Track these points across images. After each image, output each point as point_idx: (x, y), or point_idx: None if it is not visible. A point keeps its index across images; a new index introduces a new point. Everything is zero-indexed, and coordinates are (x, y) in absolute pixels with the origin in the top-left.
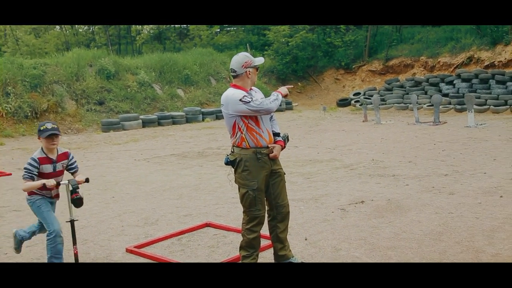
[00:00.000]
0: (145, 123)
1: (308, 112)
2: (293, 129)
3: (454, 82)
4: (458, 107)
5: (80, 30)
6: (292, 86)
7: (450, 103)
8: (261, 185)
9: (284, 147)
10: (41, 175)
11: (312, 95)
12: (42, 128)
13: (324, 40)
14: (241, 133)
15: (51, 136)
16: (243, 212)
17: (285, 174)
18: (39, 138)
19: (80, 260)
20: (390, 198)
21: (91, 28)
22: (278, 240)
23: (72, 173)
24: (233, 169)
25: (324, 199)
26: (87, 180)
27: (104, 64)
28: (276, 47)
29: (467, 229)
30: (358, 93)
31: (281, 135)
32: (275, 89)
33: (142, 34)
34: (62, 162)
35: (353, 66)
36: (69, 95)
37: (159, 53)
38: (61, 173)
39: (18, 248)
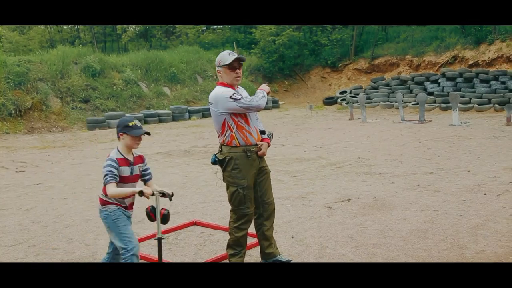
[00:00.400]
0: None
1: (294, 110)
2: (280, 127)
3: (439, 80)
4: (443, 105)
5: (65, 27)
6: (267, 83)
7: (435, 102)
8: (251, 183)
9: (270, 144)
10: (120, 180)
11: (299, 93)
12: (130, 124)
13: (310, 38)
14: (231, 131)
15: (140, 135)
16: (231, 210)
17: (270, 171)
18: (121, 135)
19: (65, 259)
20: (376, 196)
21: (76, 26)
22: (265, 238)
23: (145, 181)
24: (221, 168)
25: (310, 197)
26: (171, 196)
27: (90, 62)
28: (262, 46)
29: (452, 227)
30: (344, 92)
31: (266, 132)
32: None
33: (128, 32)
34: (139, 165)
35: (339, 65)
36: (54, 92)
37: (145, 50)
38: (137, 178)
39: None
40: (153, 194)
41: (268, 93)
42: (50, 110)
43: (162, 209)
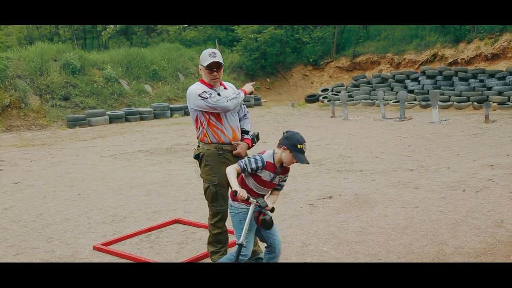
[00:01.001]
0: (112, 119)
1: (276, 108)
2: (262, 125)
3: (419, 78)
4: (423, 103)
5: None
6: (254, 83)
7: (415, 100)
8: (222, 181)
9: (252, 146)
10: (255, 178)
11: (281, 91)
12: (299, 146)
13: (292, 36)
14: (203, 128)
15: (301, 162)
16: (208, 206)
17: None
18: (285, 148)
19: (45, 259)
20: (357, 193)
21: None
22: None
23: (272, 191)
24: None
25: (293, 194)
26: (272, 210)
27: (69, 59)
28: (244, 43)
29: (432, 223)
30: (326, 89)
31: (250, 133)
32: (244, 85)
33: (108, 29)
34: (281, 176)
35: (321, 63)
36: (33, 90)
37: (126, 48)
38: (273, 186)
39: None
40: (248, 199)
41: (250, 93)
42: (29, 107)
43: (262, 213)
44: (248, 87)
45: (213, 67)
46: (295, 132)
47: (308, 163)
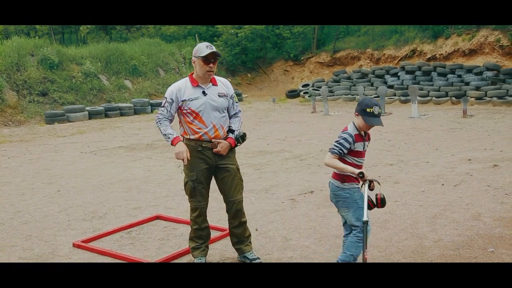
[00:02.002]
0: (92, 115)
1: (257, 103)
2: (243, 120)
3: (399, 74)
4: (403, 98)
5: None
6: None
7: (395, 95)
8: (201, 177)
9: (236, 145)
10: (352, 154)
11: (262, 86)
12: (369, 110)
13: (273, 31)
14: (181, 124)
15: (372, 125)
16: (188, 200)
17: (238, 169)
18: (357, 115)
19: (24, 256)
20: None
21: None
22: (232, 233)
23: None
24: None
25: (274, 189)
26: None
27: (47, 54)
28: (225, 38)
29: (411, 217)
30: (307, 85)
31: (235, 133)
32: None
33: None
34: (367, 142)
35: (302, 58)
36: (9, 85)
37: (105, 43)
38: (364, 154)
39: None
40: (363, 177)
41: (177, 156)
42: (5, 103)
43: (378, 194)
44: (180, 153)
45: (211, 58)
46: (365, 97)
47: (382, 125)
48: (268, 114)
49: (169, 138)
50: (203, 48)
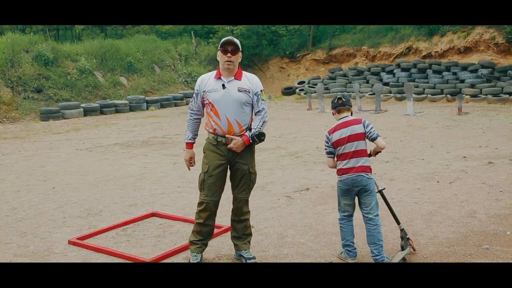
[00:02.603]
0: (87, 112)
1: None
2: None
3: (394, 71)
4: (398, 95)
5: None
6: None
7: (390, 92)
8: (213, 171)
9: (251, 144)
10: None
11: None
12: (335, 102)
13: (268, 28)
14: (206, 115)
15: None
16: None
17: (251, 171)
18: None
19: (19, 253)
20: (334, 185)
21: None
22: (233, 226)
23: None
24: None
25: (270, 186)
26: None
27: (42, 50)
28: (220, 35)
29: (407, 214)
30: (303, 82)
31: (252, 131)
32: None
33: None
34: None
35: (298, 55)
36: (4, 82)
37: (100, 39)
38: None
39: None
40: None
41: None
42: (0, 100)
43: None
44: (186, 157)
45: (228, 47)
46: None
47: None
48: None
49: (185, 140)
50: (224, 39)
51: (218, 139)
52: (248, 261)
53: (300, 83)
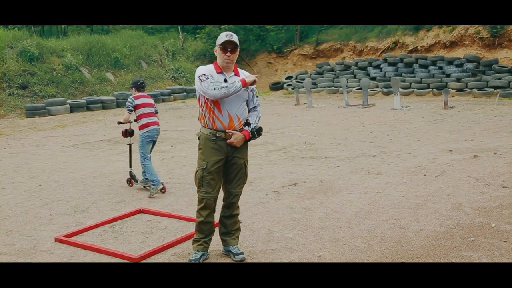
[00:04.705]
0: (73, 108)
1: None
2: None
3: (381, 66)
4: (385, 90)
5: None
6: (257, 75)
7: (377, 87)
8: (211, 168)
9: (250, 139)
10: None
11: None
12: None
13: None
14: (202, 110)
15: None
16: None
17: (246, 165)
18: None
19: (5, 252)
20: (322, 180)
21: None
22: (222, 222)
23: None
24: None
25: (258, 182)
26: None
27: (26, 46)
28: (208, 31)
29: (394, 207)
30: (290, 77)
31: (251, 126)
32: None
33: None
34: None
35: (285, 50)
36: None
37: (86, 35)
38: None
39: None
40: None
41: (252, 83)
42: None
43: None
44: (250, 77)
45: (228, 47)
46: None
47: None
48: None
49: (236, 84)
50: (223, 36)
51: (217, 134)
52: (236, 257)
53: (287, 78)
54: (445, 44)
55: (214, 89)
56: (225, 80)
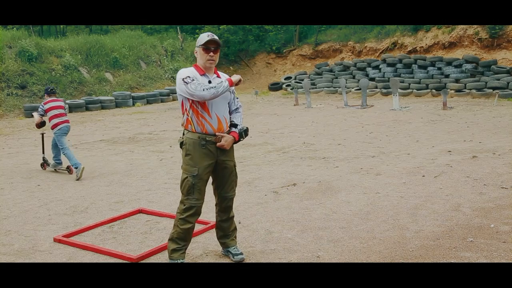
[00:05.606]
0: (72, 108)
1: (240, 96)
2: None
3: (380, 66)
4: (384, 90)
5: None
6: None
7: (376, 87)
8: (202, 174)
9: (238, 140)
10: None
11: (244, 79)
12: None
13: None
14: (187, 115)
15: None
16: (180, 201)
17: (235, 166)
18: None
19: (3, 252)
20: (321, 180)
21: None
22: (219, 227)
23: None
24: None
25: (257, 182)
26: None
27: (25, 46)
28: (207, 31)
29: (393, 208)
30: (289, 77)
31: (239, 127)
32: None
33: None
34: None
35: (284, 51)
36: None
37: (85, 35)
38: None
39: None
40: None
41: (237, 83)
42: None
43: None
44: (236, 77)
45: (211, 47)
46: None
47: None
48: (250, 107)
49: (223, 84)
50: (204, 37)
51: (207, 138)
52: (235, 257)
53: (286, 78)
54: (444, 45)
55: (203, 90)
56: (209, 82)
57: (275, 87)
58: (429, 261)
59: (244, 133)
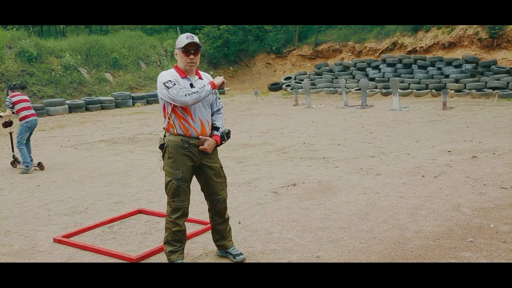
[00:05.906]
0: (72, 108)
1: (240, 96)
2: (225, 113)
3: (380, 66)
4: (384, 91)
5: None
6: (224, 76)
7: (376, 87)
8: (186, 175)
9: (221, 143)
10: None
11: (244, 79)
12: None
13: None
14: (169, 118)
15: None
16: (167, 203)
17: (222, 167)
18: None
19: (3, 252)
20: (320, 180)
21: None
22: (215, 230)
23: None
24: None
25: (257, 182)
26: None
27: (25, 46)
28: (207, 31)
29: (393, 208)
30: (289, 78)
31: (220, 130)
32: (213, 75)
33: None
34: None
35: (284, 51)
36: None
37: (85, 35)
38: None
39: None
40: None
41: (221, 85)
42: None
43: None
44: (218, 79)
45: (191, 49)
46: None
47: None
48: (250, 107)
49: (206, 88)
50: (183, 39)
51: (190, 141)
52: (236, 257)
53: (286, 78)
54: (444, 45)
55: (185, 95)
56: (191, 85)
57: (275, 87)
58: (429, 261)
59: (226, 135)
